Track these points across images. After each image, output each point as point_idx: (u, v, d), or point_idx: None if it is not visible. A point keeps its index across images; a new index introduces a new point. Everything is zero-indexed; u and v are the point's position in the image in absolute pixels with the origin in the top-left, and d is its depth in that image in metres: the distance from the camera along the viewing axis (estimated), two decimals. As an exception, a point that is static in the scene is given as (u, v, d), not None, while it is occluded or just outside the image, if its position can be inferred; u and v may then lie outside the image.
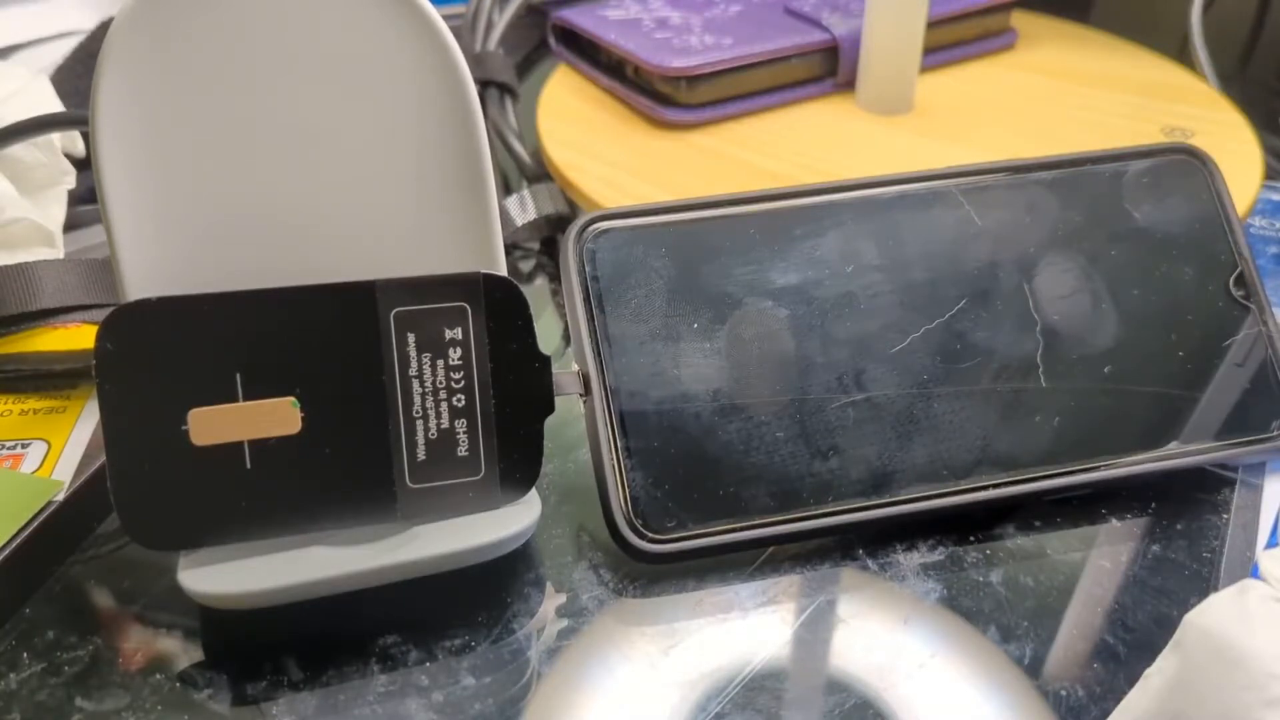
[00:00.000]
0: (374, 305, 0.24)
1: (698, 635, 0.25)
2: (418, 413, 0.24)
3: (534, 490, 0.25)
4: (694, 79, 0.41)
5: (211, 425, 0.23)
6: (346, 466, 0.24)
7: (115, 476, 0.23)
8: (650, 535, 0.25)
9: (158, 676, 0.24)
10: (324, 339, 0.24)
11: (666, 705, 0.23)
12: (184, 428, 0.23)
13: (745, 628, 0.25)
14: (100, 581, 0.26)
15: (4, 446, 0.29)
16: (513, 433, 0.25)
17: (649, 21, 0.45)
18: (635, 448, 0.26)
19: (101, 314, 0.31)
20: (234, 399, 0.23)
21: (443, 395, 0.24)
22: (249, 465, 0.23)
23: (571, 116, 0.43)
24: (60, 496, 0.27)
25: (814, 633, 0.25)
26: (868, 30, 0.41)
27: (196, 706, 0.23)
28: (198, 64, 0.22)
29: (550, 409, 0.25)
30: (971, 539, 0.27)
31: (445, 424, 0.24)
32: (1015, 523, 0.27)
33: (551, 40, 0.48)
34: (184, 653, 0.24)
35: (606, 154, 0.40)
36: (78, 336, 0.32)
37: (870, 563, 0.26)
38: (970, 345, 0.28)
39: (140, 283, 0.24)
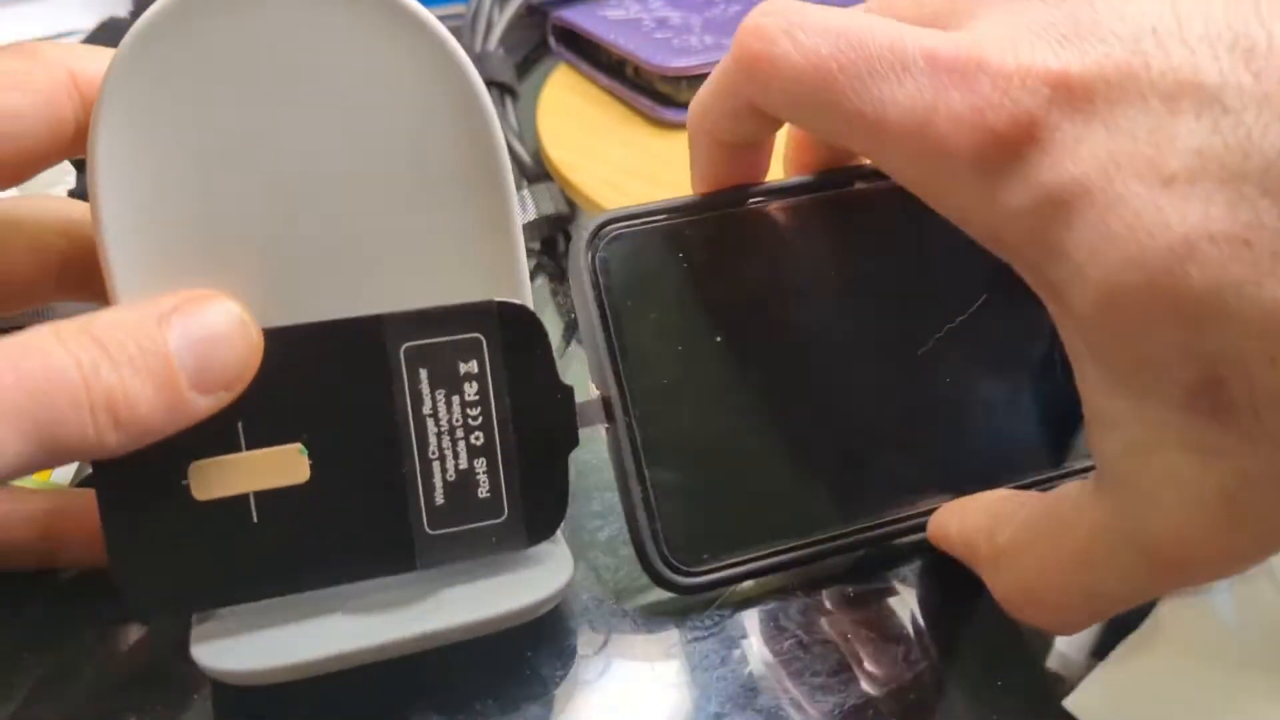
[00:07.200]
0: (382, 341, 0.22)
1: (697, 634, 0.25)
2: (434, 454, 0.23)
3: (567, 549, 0.24)
4: (694, 79, 0.41)
5: (214, 479, 0.22)
6: (360, 515, 0.23)
7: (114, 545, 0.21)
8: (685, 569, 0.24)
9: (158, 676, 0.24)
10: (330, 379, 0.22)
11: (666, 705, 0.23)
12: (185, 482, 0.21)
13: (745, 627, 0.25)
14: (100, 582, 0.26)
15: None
16: (536, 470, 0.23)
17: (649, 21, 0.45)
18: (664, 478, 0.24)
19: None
20: (237, 449, 0.22)
21: (460, 434, 0.23)
22: (256, 519, 0.22)
23: (571, 116, 0.43)
24: (59, 497, 0.27)
25: (814, 632, 0.25)
26: (868, 30, 0.41)
27: (195, 706, 0.23)
28: (201, 86, 0.21)
29: (574, 442, 0.24)
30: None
31: (464, 464, 0.23)
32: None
33: (551, 40, 0.48)
34: (182, 657, 0.24)
35: (606, 154, 0.40)
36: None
37: (871, 563, 0.26)
38: (1011, 346, 0.26)
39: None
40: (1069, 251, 0.18)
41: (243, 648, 0.22)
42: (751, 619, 0.25)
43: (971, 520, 0.24)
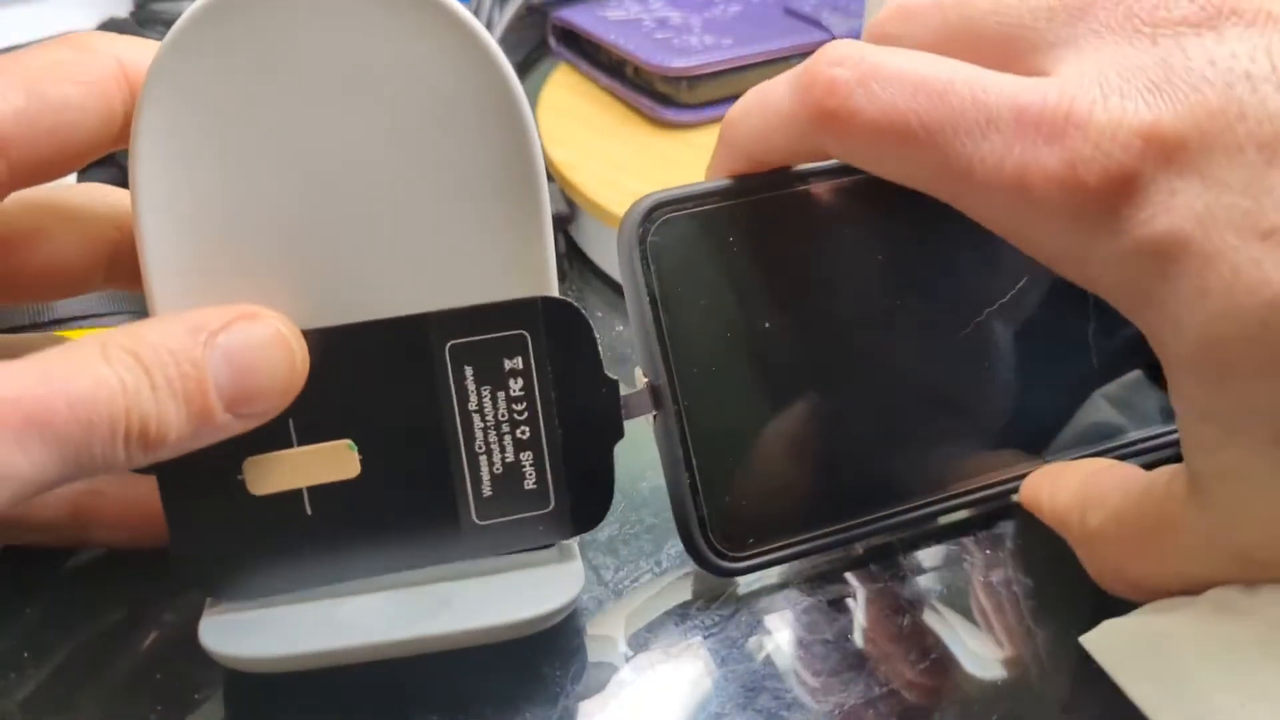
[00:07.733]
0: (427, 339, 0.23)
1: (697, 635, 0.25)
2: (480, 448, 0.23)
3: (580, 564, 0.24)
4: (694, 79, 0.41)
5: (268, 474, 0.22)
6: (410, 507, 0.23)
7: (174, 528, 0.22)
8: (730, 554, 0.24)
9: (158, 676, 0.24)
10: (378, 377, 0.23)
11: (666, 705, 0.23)
12: (240, 477, 0.22)
13: (745, 628, 0.25)
14: (99, 582, 0.26)
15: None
16: (582, 462, 0.24)
17: (649, 21, 0.45)
18: (712, 465, 0.24)
19: (115, 322, 0.31)
20: (289, 445, 0.22)
21: (506, 429, 0.23)
22: (309, 511, 0.23)
23: (571, 116, 0.43)
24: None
25: (815, 632, 0.25)
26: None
27: (195, 705, 0.23)
28: (241, 83, 0.21)
29: (619, 434, 0.24)
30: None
31: (510, 457, 0.23)
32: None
33: (551, 40, 0.48)
34: (183, 655, 0.24)
35: (606, 154, 0.40)
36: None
37: (872, 562, 0.26)
38: (1058, 323, 0.26)
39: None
40: (1165, 301, 0.18)
41: (248, 636, 0.22)
42: (752, 620, 0.25)
43: (1063, 499, 0.24)
